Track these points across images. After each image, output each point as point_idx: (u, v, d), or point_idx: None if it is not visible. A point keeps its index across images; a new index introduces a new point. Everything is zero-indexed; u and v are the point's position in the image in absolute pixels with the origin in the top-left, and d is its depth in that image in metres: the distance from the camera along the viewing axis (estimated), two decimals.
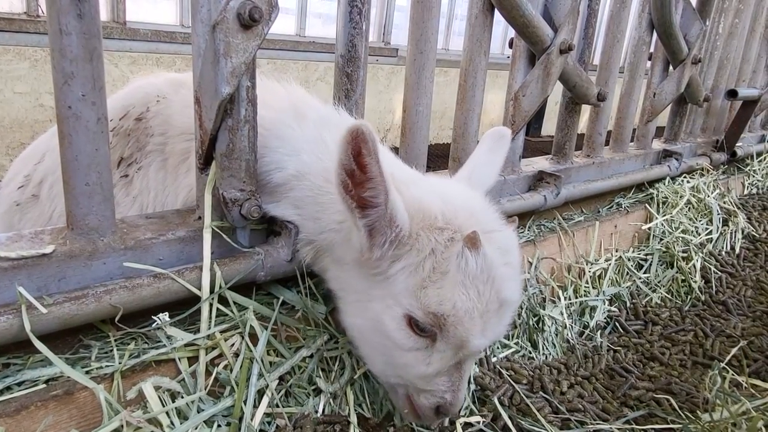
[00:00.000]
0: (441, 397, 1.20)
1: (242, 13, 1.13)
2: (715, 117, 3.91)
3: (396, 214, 1.09)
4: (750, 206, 3.40)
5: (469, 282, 1.08)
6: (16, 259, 1.09)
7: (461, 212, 1.17)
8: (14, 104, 4.78)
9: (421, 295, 1.10)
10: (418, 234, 1.13)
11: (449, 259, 1.10)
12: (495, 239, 1.17)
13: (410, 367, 1.18)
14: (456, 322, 1.09)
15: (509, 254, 1.18)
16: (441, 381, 1.19)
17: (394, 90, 7.40)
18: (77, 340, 1.25)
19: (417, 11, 1.79)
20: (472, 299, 1.08)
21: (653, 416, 1.62)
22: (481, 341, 1.13)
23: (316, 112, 1.42)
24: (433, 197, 1.19)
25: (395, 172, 1.26)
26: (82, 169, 1.13)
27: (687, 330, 2.17)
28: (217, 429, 1.17)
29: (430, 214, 1.15)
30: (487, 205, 1.27)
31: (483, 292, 1.09)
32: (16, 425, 1.03)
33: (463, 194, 1.27)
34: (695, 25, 2.98)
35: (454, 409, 1.23)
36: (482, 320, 1.11)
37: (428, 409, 1.22)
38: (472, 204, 1.23)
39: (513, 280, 1.16)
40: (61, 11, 1.02)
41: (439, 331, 1.12)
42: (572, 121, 2.56)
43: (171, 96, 1.57)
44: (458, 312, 1.08)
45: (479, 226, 1.15)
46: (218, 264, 1.31)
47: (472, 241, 1.08)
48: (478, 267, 1.08)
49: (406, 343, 1.15)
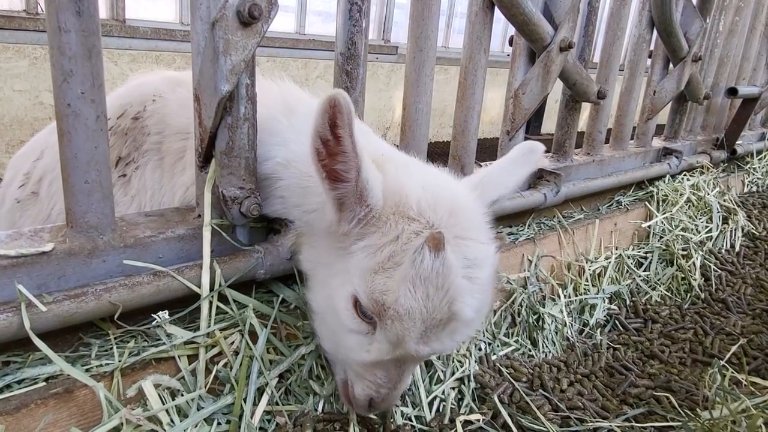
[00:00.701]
0: (376, 390, 1.19)
1: (242, 10, 1.13)
2: (715, 115, 3.91)
3: (367, 193, 1.06)
4: (750, 204, 3.40)
5: (419, 282, 1.03)
6: (15, 257, 1.09)
7: (441, 209, 1.12)
8: (14, 102, 4.77)
9: (370, 278, 1.07)
10: (389, 218, 1.10)
11: (407, 252, 1.05)
12: (466, 248, 1.11)
13: (351, 351, 1.16)
14: (395, 317, 1.05)
15: (477, 269, 1.11)
16: (378, 374, 1.17)
17: (393, 88, 7.39)
18: (77, 338, 1.25)
19: (417, 9, 1.79)
20: (418, 300, 1.03)
21: (653, 414, 1.63)
22: (418, 347, 1.08)
23: (307, 106, 1.40)
24: (417, 185, 1.14)
25: (386, 151, 1.23)
26: (81, 167, 1.13)
27: (687, 328, 2.17)
28: (217, 427, 1.17)
29: (407, 201, 1.11)
30: (477, 212, 1.21)
31: (432, 297, 1.03)
32: (16, 423, 1.03)
33: (454, 192, 1.20)
34: (695, 22, 2.98)
35: (385, 405, 1.22)
36: (423, 325, 1.05)
37: (361, 398, 1.21)
38: (458, 204, 1.16)
39: (471, 297, 1.08)
40: (60, 8, 1.02)
41: (379, 320, 1.09)
42: (572, 119, 2.56)
43: (167, 95, 1.57)
44: (399, 307, 1.04)
45: (455, 228, 1.11)
46: (218, 262, 1.31)
47: (435, 241, 1.02)
48: (433, 270, 1.02)
49: (349, 323, 1.13)
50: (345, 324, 1.14)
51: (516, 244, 2.11)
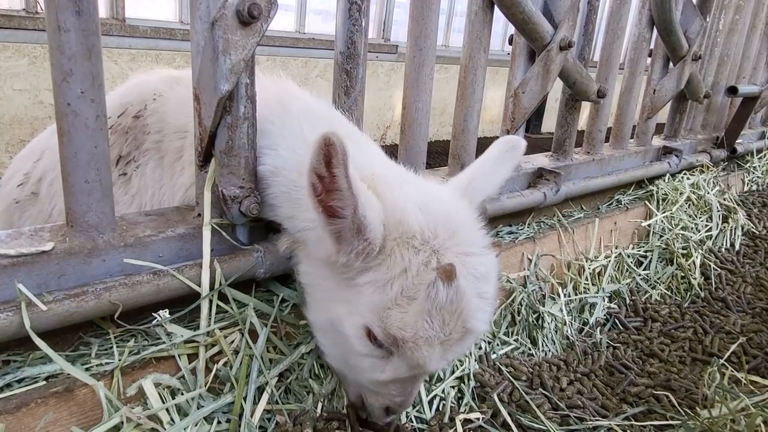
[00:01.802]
0: (391, 401, 1.22)
1: (241, 9, 1.13)
2: (715, 114, 3.90)
3: (365, 228, 1.05)
4: (750, 203, 3.40)
5: (435, 312, 1.04)
6: (15, 257, 1.09)
7: (442, 231, 1.12)
8: (13, 101, 4.77)
9: (384, 315, 1.08)
10: (392, 249, 1.09)
11: (419, 286, 1.06)
12: (472, 265, 1.13)
13: (364, 372, 1.19)
14: (414, 348, 1.07)
15: (484, 283, 1.14)
16: (393, 387, 1.20)
17: (393, 87, 7.39)
18: (77, 338, 1.25)
19: (417, 8, 1.79)
20: (435, 329, 1.06)
21: (652, 412, 1.63)
22: (438, 365, 1.12)
23: (302, 106, 1.39)
24: (415, 209, 1.13)
25: (382, 171, 1.22)
26: (81, 167, 1.13)
27: (686, 327, 2.17)
28: (217, 426, 1.18)
29: (408, 229, 1.10)
30: (473, 224, 1.21)
31: (448, 322, 1.06)
32: (16, 422, 1.03)
33: (449, 208, 1.18)
34: (695, 21, 2.97)
35: (402, 410, 1.26)
36: (442, 347, 1.08)
37: (377, 408, 1.25)
38: (456, 221, 1.16)
39: (483, 312, 1.12)
40: (60, 8, 1.02)
41: (397, 350, 1.10)
42: (572, 118, 2.56)
43: (167, 93, 1.57)
44: (418, 340, 1.06)
45: (459, 247, 1.12)
46: (218, 261, 1.31)
47: (447, 273, 1.02)
48: (448, 299, 1.03)
49: (362, 350, 1.15)
50: (357, 350, 1.15)
51: (516, 243, 2.11)
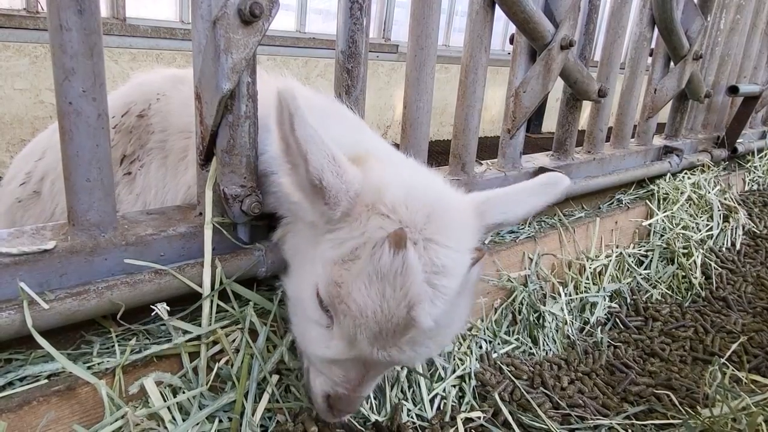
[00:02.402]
0: (332, 387, 1.14)
1: (243, 8, 1.13)
2: (716, 113, 3.90)
3: (324, 193, 1.03)
4: (751, 202, 3.40)
5: (375, 278, 0.97)
6: (17, 255, 1.09)
7: (419, 210, 1.06)
8: (14, 101, 4.77)
9: (329, 269, 1.04)
10: (360, 214, 1.06)
11: (367, 246, 1.01)
12: (436, 254, 1.03)
13: (313, 343, 1.13)
14: (347, 311, 1.00)
15: (443, 277, 1.03)
16: (336, 372, 1.12)
17: (394, 86, 7.39)
18: (79, 336, 1.25)
19: (418, 7, 1.79)
20: (372, 297, 0.97)
21: (653, 412, 1.63)
22: (373, 350, 1.02)
23: (305, 102, 1.41)
24: (399, 184, 1.08)
25: (376, 148, 1.21)
26: (83, 165, 1.14)
27: (687, 326, 2.17)
28: (219, 424, 1.18)
29: (381, 197, 1.06)
30: (462, 221, 1.13)
31: (388, 298, 0.97)
32: (18, 420, 1.03)
33: (440, 197, 1.13)
34: (696, 20, 2.97)
35: (342, 405, 1.15)
36: (378, 326, 0.98)
37: (319, 396, 1.17)
38: (440, 208, 1.08)
39: (432, 304, 1.00)
40: (62, 7, 1.02)
41: (334, 314, 1.05)
42: (573, 118, 2.56)
43: (170, 93, 1.57)
44: (350, 302, 0.99)
45: (428, 231, 1.04)
46: (219, 260, 1.31)
47: (396, 238, 0.95)
48: (391, 268, 0.95)
49: (312, 314, 1.11)
50: (308, 314, 1.12)
51: (517, 242, 2.11)
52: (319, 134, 1.02)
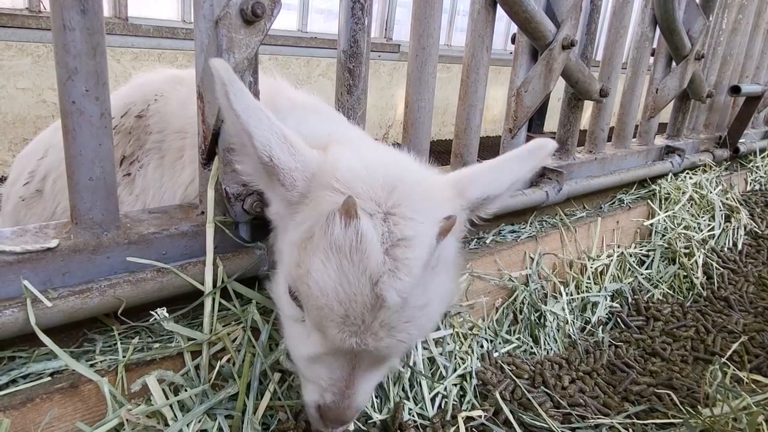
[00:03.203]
0: (320, 395, 1.04)
1: (245, 8, 1.13)
2: (718, 113, 3.90)
3: (278, 172, 1.01)
4: (752, 202, 3.39)
5: (332, 254, 0.91)
6: (21, 253, 1.09)
7: (377, 184, 0.99)
8: (16, 100, 4.78)
9: (290, 255, 1.00)
10: (317, 193, 1.02)
11: (320, 221, 0.95)
12: (396, 225, 0.96)
13: (293, 344, 1.07)
14: (308, 294, 0.94)
15: (405, 248, 0.94)
16: (321, 373, 1.02)
17: (396, 86, 7.39)
18: (81, 334, 1.26)
19: (419, 7, 1.79)
20: (330, 275, 0.91)
21: (654, 411, 1.63)
22: (344, 337, 0.94)
23: (290, 103, 1.40)
24: (355, 160, 1.04)
25: (349, 135, 1.20)
26: (85, 164, 1.14)
27: (688, 326, 2.17)
28: (221, 422, 1.18)
29: (336, 174, 1.01)
30: (429, 195, 1.05)
31: (347, 274, 0.90)
32: (21, 417, 1.04)
33: (405, 172, 1.06)
34: (698, 20, 2.97)
35: (333, 415, 1.03)
36: (343, 308, 0.91)
37: (311, 407, 1.07)
38: (404, 182, 1.01)
39: (394, 277, 0.92)
40: (65, 7, 1.03)
41: (301, 300, 0.99)
42: (574, 117, 2.56)
43: (168, 93, 1.57)
44: (310, 281, 0.92)
45: (388, 204, 0.97)
46: (221, 259, 1.32)
47: (345, 207, 0.90)
48: (346, 240, 0.90)
49: (287, 309, 1.06)
50: (285, 311, 1.07)
51: (518, 242, 2.11)
52: (266, 111, 0.99)
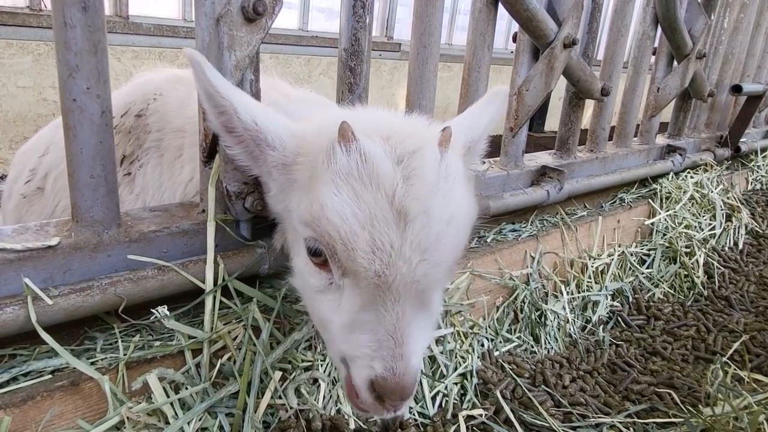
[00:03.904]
0: (369, 365, 0.94)
1: (246, 6, 1.13)
2: (719, 112, 3.89)
3: (265, 135, 1.05)
4: (753, 202, 3.39)
5: (341, 181, 0.90)
6: (22, 251, 1.09)
7: (377, 128, 1.00)
8: (17, 98, 4.78)
9: (301, 208, 0.98)
10: (311, 148, 1.03)
11: (320, 159, 0.95)
12: (397, 142, 0.96)
13: (327, 321, 1.01)
14: (329, 228, 0.90)
15: (412, 158, 0.94)
16: (364, 339, 0.95)
17: (396, 85, 7.38)
18: (82, 332, 1.26)
19: (420, 5, 1.78)
20: (345, 199, 0.89)
21: (655, 410, 1.63)
22: (373, 266, 0.89)
23: (286, 99, 1.45)
24: (350, 117, 1.01)
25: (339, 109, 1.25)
26: (86, 162, 1.14)
27: (689, 325, 2.17)
28: (221, 420, 1.18)
29: (323, 131, 1.02)
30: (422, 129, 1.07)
31: (361, 194, 0.89)
32: (22, 415, 1.04)
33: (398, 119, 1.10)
34: (700, 19, 2.96)
35: (389, 384, 0.92)
36: (366, 232, 0.89)
37: (363, 388, 0.96)
38: (397, 124, 1.04)
39: (409, 184, 0.91)
40: (66, 4, 1.02)
41: (326, 249, 0.95)
42: (576, 116, 2.56)
43: (167, 93, 1.58)
44: (328, 213, 0.90)
45: (386, 133, 0.98)
46: (222, 257, 1.32)
47: (342, 133, 0.90)
48: (350, 163, 0.90)
49: (313, 281, 1.01)
50: (310, 284, 1.03)
51: (519, 241, 2.11)
52: (242, 91, 1.06)
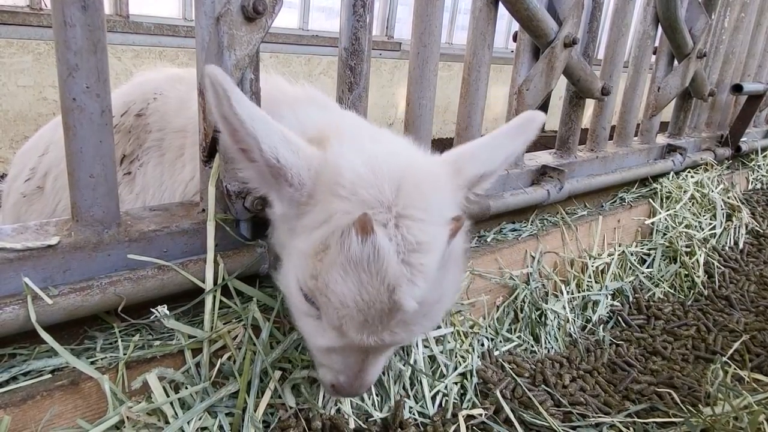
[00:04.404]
0: (335, 377, 1.12)
1: (246, 5, 1.13)
2: (720, 112, 3.89)
3: (284, 171, 1.01)
4: (754, 201, 3.39)
5: (350, 267, 0.94)
6: (21, 251, 1.09)
7: (386, 186, 1.00)
8: (18, 97, 4.78)
9: (303, 263, 1.02)
10: (324, 196, 1.03)
11: (335, 234, 0.97)
12: (409, 230, 0.98)
13: (309, 335, 1.12)
14: (327, 304, 0.98)
15: (421, 254, 0.98)
16: (336, 360, 1.09)
17: (397, 84, 7.38)
18: (82, 331, 1.26)
19: (421, 4, 1.78)
20: (350, 287, 0.94)
21: (655, 410, 1.63)
22: (363, 337, 0.99)
23: (285, 96, 1.42)
24: (358, 160, 1.04)
25: (345, 126, 1.19)
26: (86, 161, 1.14)
27: (689, 325, 2.17)
28: (221, 420, 1.18)
29: (339, 177, 1.02)
30: (435, 188, 1.07)
31: (366, 285, 0.94)
32: (22, 414, 1.04)
33: (408, 166, 1.06)
34: (701, 18, 2.96)
35: (346, 393, 1.14)
36: (362, 315, 0.96)
37: (326, 383, 1.15)
38: (410, 180, 1.03)
39: (411, 284, 0.96)
40: (66, 3, 1.02)
41: (318, 305, 1.02)
42: (576, 116, 2.56)
43: (167, 92, 1.58)
44: (330, 294, 0.96)
45: (399, 207, 0.99)
46: (222, 256, 1.32)
47: (362, 224, 0.92)
48: (363, 255, 0.93)
49: (301, 306, 1.08)
50: (298, 307, 1.10)
51: (519, 240, 2.11)
52: (263, 113, 1.00)
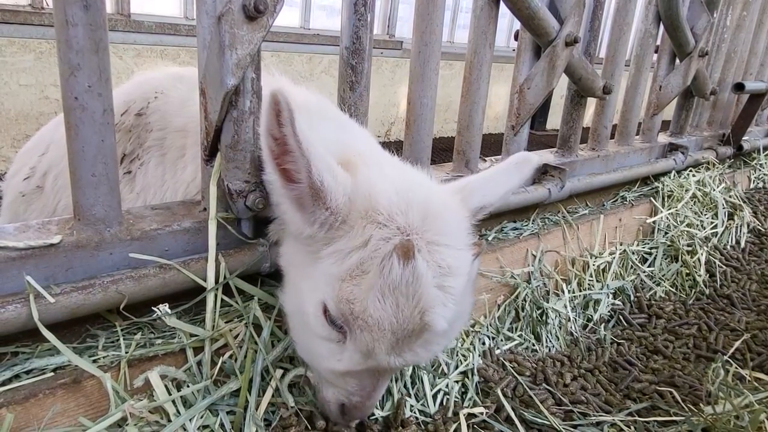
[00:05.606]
0: (347, 397, 1.15)
1: (247, 4, 1.13)
2: (722, 110, 3.88)
3: (324, 194, 1.03)
4: (756, 200, 3.38)
5: (388, 291, 0.98)
6: (24, 249, 1.10)
7: (413, 213, 1.07)
8: (19, 96, 4.79)
9: (337, 287, 1.04)
10: (356, 222, 1.06)
11: (375, 259, 1.02)
12: (440, 255, 1.06)
13: (323, 358, 1.13)
14: (363, 327, 1.01)
15: (450, 277, 1.05)
16: (351, 383, 1.13)
17: (398, 83, 7.37)
18: (84, 330, 1.26)
19: (422, 3, 1.78)
20: (387, 310, 0.99)
21: (656, 409, 1.63)
22: (390, 358, 1.04)
23: (293, 102, 1.42)
24: (389, 187, 1.09)
25: (367, 153, 1.21)
26: (88, 160, 1.14)
27: (691, 323, 2.17)
28: (222, 418, 1.18)
29: (376, 204, 1.06)
30: (454, 216, 1.15)
31: (402, 308, 0.99)
32: (24, 412, 1.04)
33: (429, 196, 1.13)
34: (702, 17, 2.96)
35: (357, 414, 1.17)
36: (394, 336, 1.01)
37: (333, 404, 1.18)
38: (433, 208, 1.10)
39: (444, 307, 1.03)
40: (67, 2, 1.02)
41: (348, 330, 1.05)
42: (577, 115, 2.55)
43: (168, 91, 1.57)
44: (367, 317, 1.00)
45: (428, 234, 1.06)
46: (223, 255, 1.32)
47: (404, 250, 0.97)
48: (402, 279, 0.98)
49: (319, 331, 1.10)
50: (315, 331, 1.11)
51: (520, 239, 2.11)
52: (314, 136, 1.02)
